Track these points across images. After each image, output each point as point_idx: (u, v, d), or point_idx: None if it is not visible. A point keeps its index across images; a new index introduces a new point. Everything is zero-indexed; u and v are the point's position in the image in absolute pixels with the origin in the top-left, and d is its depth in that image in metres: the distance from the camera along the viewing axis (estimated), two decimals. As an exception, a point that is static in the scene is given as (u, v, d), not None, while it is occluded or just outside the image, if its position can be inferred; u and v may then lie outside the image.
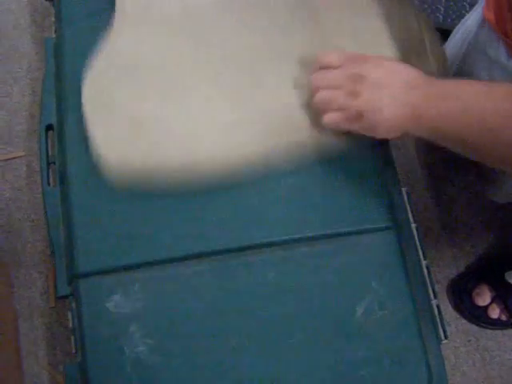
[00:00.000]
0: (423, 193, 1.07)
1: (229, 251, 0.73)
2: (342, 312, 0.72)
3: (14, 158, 1.08)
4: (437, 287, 0.79)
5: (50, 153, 0.82)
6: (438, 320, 0.75)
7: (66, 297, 0.74)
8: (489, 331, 1.01)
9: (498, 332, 1.01)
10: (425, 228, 1.03)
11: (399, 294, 0.73)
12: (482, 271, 1.02)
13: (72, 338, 0.73)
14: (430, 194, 1.07)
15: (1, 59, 1.14)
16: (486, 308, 1.00)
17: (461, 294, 1.02)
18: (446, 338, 0.75)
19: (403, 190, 0.80)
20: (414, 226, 0.78)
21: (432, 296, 0.76)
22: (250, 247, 0.74)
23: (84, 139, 0.78)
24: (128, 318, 0.70)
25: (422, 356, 0.72)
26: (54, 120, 0.82)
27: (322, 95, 0.68)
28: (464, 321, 1.01)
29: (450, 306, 1.02)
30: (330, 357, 0.71)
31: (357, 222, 0.76)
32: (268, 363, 0.70)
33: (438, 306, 0.76)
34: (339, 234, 0.75)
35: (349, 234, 0.75)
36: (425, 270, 0.77)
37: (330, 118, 0.68)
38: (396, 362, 0.71)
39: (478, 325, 1.01)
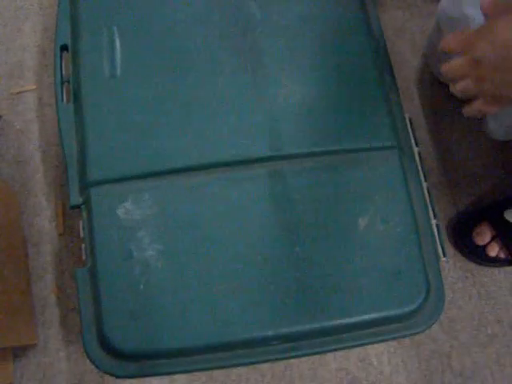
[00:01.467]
0: (425, 135, 1.09)
1: (237, 163, 0.76)
2: (346, 223, 0.75)
3: (26, 91, 1.10)
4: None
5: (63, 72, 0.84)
6: (437, 238, 0.77)
7: (77, 206, 0.77)
8: (485, 268, 1.03)
9: (495, 269, 1.03)
10: (426, 169, 1.04)
11: (401, 209, 0.76)
12: (482, 210, 1.04)
13: (83, 245, 0.76)
14: (431, 136, 1.09)
15: (13, -4, 1.16)
16: (485, 246, 1.01)
17: (460, 232, 1.04)
18: (444, 255, 0.77)
19: (406, 115, 0.82)
20: (416, 149, 0.81)
21: (432, 216, 0.78)
22: (257, 159, 0.76)
23: (97, 58, 0.80)
24: (138, 224, 0.73)
25: (421, 269, 0.74)
26: (68, 41, 0.84)
27: (457, 87, 0.66)
28: (461, 258, 1.04)
29: (449, 244, 1.04)
30: (332, 265, 0.73)
31: (362, 139, 0.78)
32: (272, 270, 0.73)
33: (437, 226, 0.78)
34: (345, 150, 0.77)
35: (354, 150, 0.77)
36: (425, 191, 0.79)
37: (472, 107, 0.66)
38: (396, 273, 0.73)
39: (476, 262, 1.03)
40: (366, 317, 0.73)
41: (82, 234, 0.76)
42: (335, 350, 0.75)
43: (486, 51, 0.60)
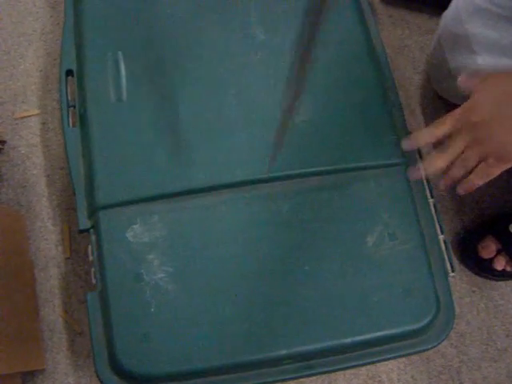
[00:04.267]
0: (428, 150, 1.09)
1: (244, 184, 0.76)
2: (354, 241, 0.75)
3: (30, 116, 1.11)
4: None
5: (69, 97, 0.84)
6: (445, 254, 0.78)
7: (86, 230, 0.77)
8: (492, 282, 1.03)
9: (502, 283, 1.04)
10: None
11: (408, 226, 0.76)
12: (487, 224, 1.04)
13: (92, 269, 0.76)
14: (434, 151, 1.09)
15: (15, 22, 1.17)
16: (491, 260, 1.02)
17: (466, 247, 1.04)
18: (453, 271, 0.77)
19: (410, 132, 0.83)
20: (421, 165, 0.81)
21: (439, 231, 0.79)
22: (264, 180, 0.76)
23: (103, 82, 0.81)
24: (147, 246, 0.73)
25: (431, 285, 0.74)
26: (73, 66, 0.85)
27: (458, 164, 0.70)
28: (468, 272, 1.04)
29: (454, 258, 1.05)
30: (342, 283, 0.73)
31: (368, 157, 0.79)
32: (282, 289, 0.73)
33: (445, 241, 0.78)
34: (352, 168, 0.78)
35: (361, 168, 0.78)
36: (432, 207, 0.80)
37: (473, 177, 0.71)
38: (406, 290, 0.73)
39: (483, 277, 1.03)
40: (377, 334, 0.73)
41: (90, 258, 0.76)
42: (347, 368, 0.75)
43: (482, 113, 0.65)
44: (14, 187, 1.06)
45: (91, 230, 0.77)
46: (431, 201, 0.80)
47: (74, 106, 0.84)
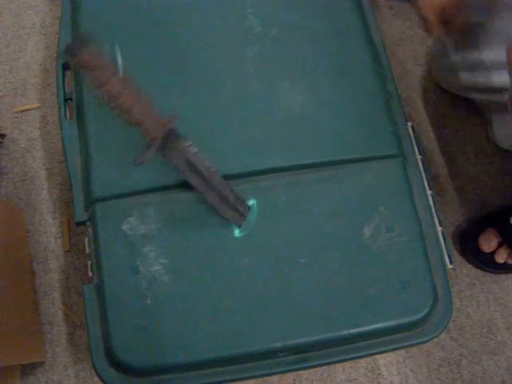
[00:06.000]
0: (429, 142, 1.09)
1: (240, 176, 0.76)
2: (351, 233, 0.74)
3: (29, 109, 1.10)
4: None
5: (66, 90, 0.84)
6: (443, 246, 0.77)
7: (83, 223, 0.77)
8: (493, 275, 1.03)
9: (502, 275, 1.03)
10: (430, 177, 1.04)
11: (406, 218, 0.76)
12: (488, 217, 1.03)
13: (88, 262, 0.76)
14: (436, 144, 1.09)
15: (15, 15, 1.17)
16: (492, 253, 1.01)
17: (467, 240, 1.03)
18: (451, 263, 0.77)
19: (409, 124, 0.82)
20: (419, 157, 0.81)
21: (437, 223, 0.78)
22: (261, 172, 0.76)
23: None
24: (143, 239, 0.73)
25: (428, 277, 0.74)
26: (70, 59, 0.84)
27: None
28: (469, 265, 1.03)
29: (455, 251, 1.04)
30: (339, 275, 0.73)
31: (365, 149, 0.78)
32: (279, 281, 0.73)
33: (442, 233, 0.78)
34: (348, 161, 0.77)
35: (357, 160, 0.77)
36: (430, 199, 0.79)
37: None
38: (403, 282, 0.73)
39: (483, 269, 1.03)
40: (374, 326, 0.72)
41: (87, 251, 0.76)
42: (343, 360, 0.74)
43: None
44: (14, 181, 1.06)
45: (88, 222, 0.76)
46: (429, 193, 0.80)
47: (72, 99, 0.84)
